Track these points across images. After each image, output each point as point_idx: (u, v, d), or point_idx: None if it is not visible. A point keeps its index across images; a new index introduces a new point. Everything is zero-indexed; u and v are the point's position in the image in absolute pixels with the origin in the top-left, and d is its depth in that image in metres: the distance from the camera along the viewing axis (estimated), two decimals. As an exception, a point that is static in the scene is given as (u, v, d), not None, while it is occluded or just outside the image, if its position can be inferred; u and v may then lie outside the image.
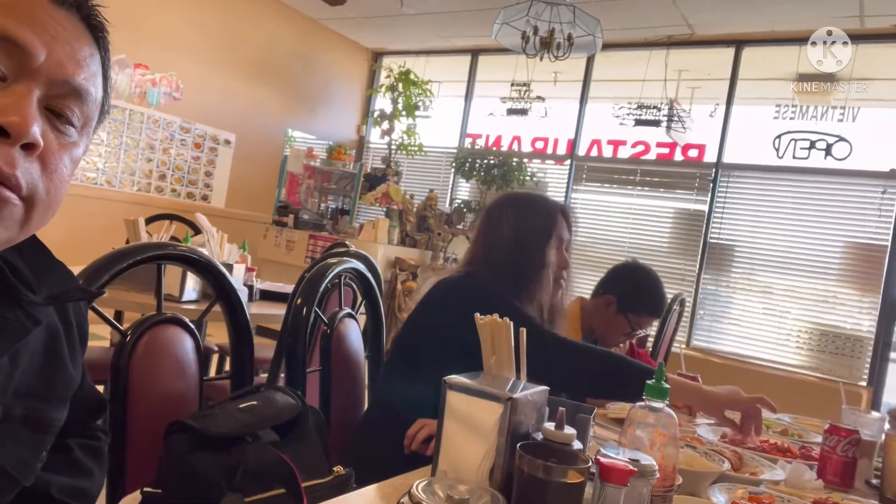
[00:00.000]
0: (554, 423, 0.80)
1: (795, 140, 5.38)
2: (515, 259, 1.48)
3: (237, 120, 6.09)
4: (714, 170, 5.59)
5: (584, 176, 6.16)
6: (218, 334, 3.76)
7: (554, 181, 6.31)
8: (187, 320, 1.10)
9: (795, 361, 5.16)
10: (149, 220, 3.23)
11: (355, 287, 1.71)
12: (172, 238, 2.76)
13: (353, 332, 1.50)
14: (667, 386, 0.90)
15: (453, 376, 0.81)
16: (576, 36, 3.40)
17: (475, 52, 6.81)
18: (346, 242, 3.30)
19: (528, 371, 0.89)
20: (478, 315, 0.90)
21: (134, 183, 5.37)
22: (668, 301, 2.01)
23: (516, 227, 1.50)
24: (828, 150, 5.23)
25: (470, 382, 0.80)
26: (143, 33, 5.23)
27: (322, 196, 6.76)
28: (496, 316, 0.89)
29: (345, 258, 1.51)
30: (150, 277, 2.36)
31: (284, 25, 6.38)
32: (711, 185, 5.58)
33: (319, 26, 6.72)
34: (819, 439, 1.45)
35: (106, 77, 0.67)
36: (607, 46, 6.09)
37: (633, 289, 1.99)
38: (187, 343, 1.09)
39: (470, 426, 0.78)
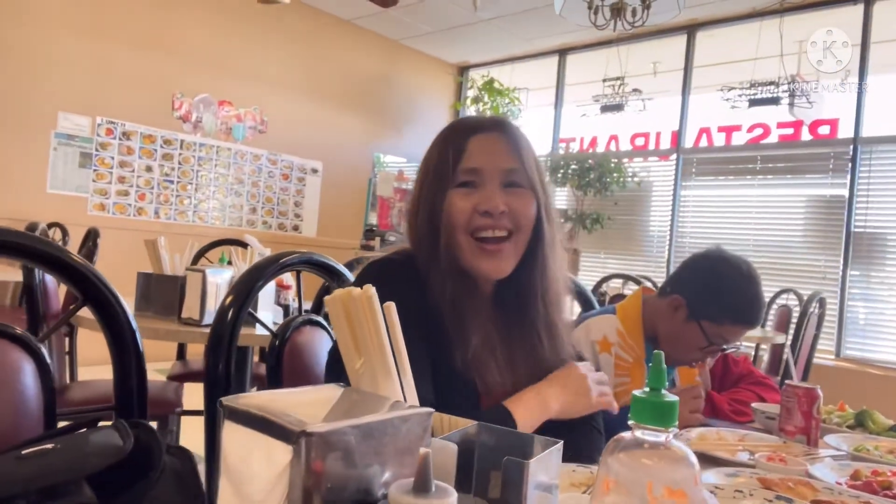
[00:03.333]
0: (412, 481, 0.41)
1: (955, 100, 4.45)
2: (415, 219, 1.02)
3: (323, 148, 6.06)
4: (852, 146, 4.75)
5: (693, 170, 5.49)
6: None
7: (659, 179, 5.69)
8: (30, 337, 0.81)
9: (982, 369, 4.18)
10: (209, 247, 3.12)
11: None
12: (194, 259, 2.61)
13: (319, 344, 1.17)
14: (672, 399, 0.48)
15: (240, 396, 0.45)
16: (652, -2, 2.92)
17: (562, 52, 6.38)
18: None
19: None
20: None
21: (225, 218, 5.44)
22: (764, 303, 1.41)
23: (419, 171, 1.04)
24: None
25: (256, 404, 0.43)
26: (225, 71, 5.33)
27: (415, 218, 6.56)
28: (356, 290, 0.52)
29: (309, 253, 1.19)
30: (172, 301, 2.19)
31: (365, 50, 6.32)
32: (850, 164, 4.74)
33: (401, 47, 6.61)
34: None
35: None
36: (708, 23, 5.47)
37: (710, 287, 1.42)
38: (25, 367, 0.80)
39: (247, 485, 0.41)
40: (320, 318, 1.19)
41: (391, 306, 0.52)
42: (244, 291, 1.04)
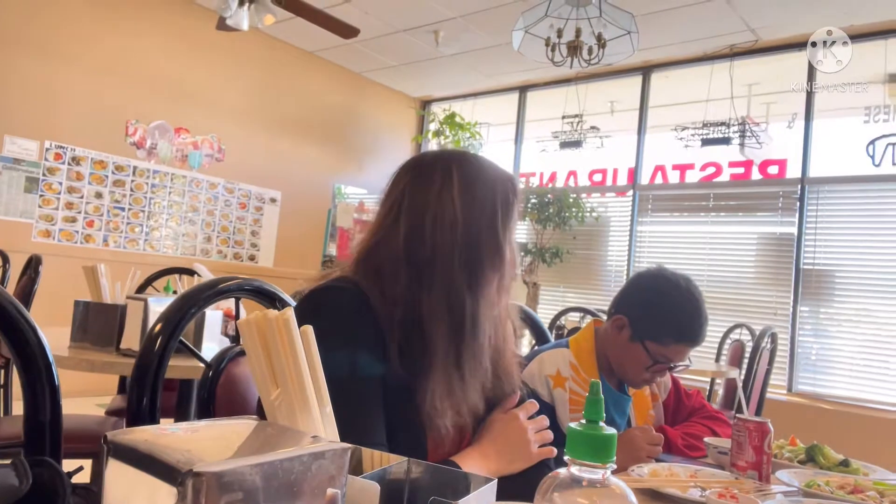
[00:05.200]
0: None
1: (893, 144, 4.65)
2: (467, 252, 0.94)
3: (282, 178, 5.99)
4: (800, 186, 4.91)
5: (649, 206, 5.60)
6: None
7: (616, 215, 5.78)
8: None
9: (927, 404, 4.28)
10: (158, 276, 3.01)
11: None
12: (141, 288, 2.51)
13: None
14: (610, 431, 0.45)
15: (130, 430, 0.40)
16: (608, 37, 2.99)
17: (523, 89, 6.50)
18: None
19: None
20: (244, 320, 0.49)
21: (178, 247, 5.29)
22: (705, 320, 1.40)
23: (462, 199, 0.95)
24: (936, 151, 4.48)
25: (144, 439, 0.38)
26: (182, 98, 5.25)
27: (374, 250, 6.50)
28: (273, 312, 0.47)
29: (249, 278, 1.14)
30: (110, 331, 2.08)
31: (327, 82, 6.32)
32: (798, 203, 4.89)
33: (363, 80, 6.63)
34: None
35: None
36: (662, 65, 5.65)
37: (650, 305, 1.40)
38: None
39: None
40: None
41: (308, 330, 0.48)
42: (174, 319, 0.98)
